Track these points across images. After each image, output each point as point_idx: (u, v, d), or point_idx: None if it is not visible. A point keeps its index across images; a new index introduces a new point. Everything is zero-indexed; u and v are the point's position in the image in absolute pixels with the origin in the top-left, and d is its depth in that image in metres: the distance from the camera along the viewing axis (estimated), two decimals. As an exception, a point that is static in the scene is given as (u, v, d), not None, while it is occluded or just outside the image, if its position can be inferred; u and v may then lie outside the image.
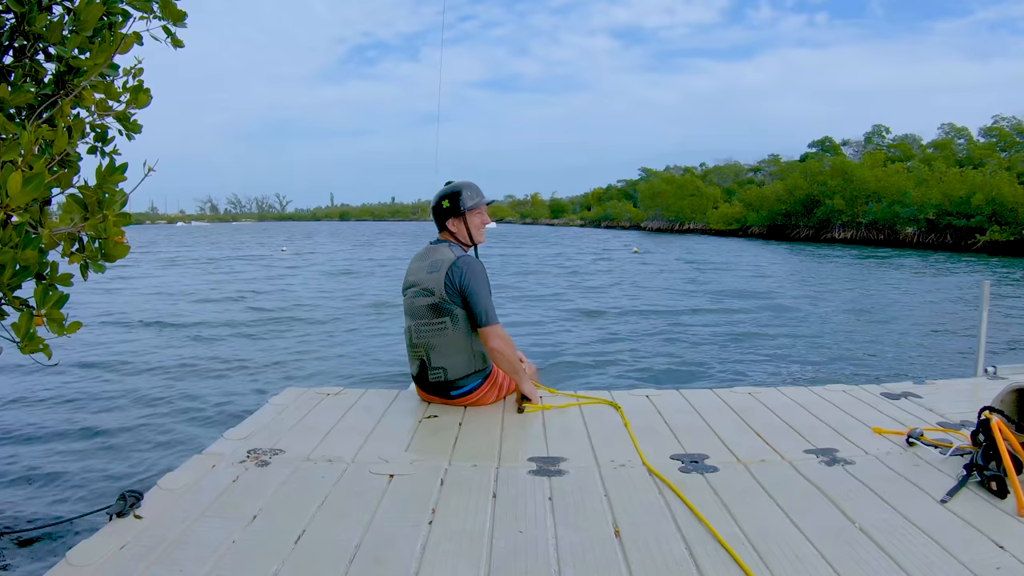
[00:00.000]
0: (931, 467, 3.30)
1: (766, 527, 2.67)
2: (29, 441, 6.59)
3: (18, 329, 2.80)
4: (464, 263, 4.11)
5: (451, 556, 2.45)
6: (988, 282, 5.70)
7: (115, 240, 3.30)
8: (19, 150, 2.73)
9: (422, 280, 4.16)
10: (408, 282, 4.29)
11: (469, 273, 4.07)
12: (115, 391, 8.68)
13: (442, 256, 4.16)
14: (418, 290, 4.17)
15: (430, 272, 4.13)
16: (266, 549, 2.48)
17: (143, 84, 3.87)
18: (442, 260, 4.13)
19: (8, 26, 3.52)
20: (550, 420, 4.04)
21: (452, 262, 4.10)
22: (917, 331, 14.71)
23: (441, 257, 4.15)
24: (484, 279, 4.13)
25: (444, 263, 4.11)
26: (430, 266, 4.15)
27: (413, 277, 4.25)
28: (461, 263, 4.10)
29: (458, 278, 4.06)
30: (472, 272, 4.08)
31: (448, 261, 4.11)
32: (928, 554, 2.44)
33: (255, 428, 3.88)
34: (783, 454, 3.49)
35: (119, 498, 2.79)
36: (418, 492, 3.01)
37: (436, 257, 4.17)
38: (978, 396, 4.46)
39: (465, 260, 4.13)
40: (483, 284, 4.11)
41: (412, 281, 4.24)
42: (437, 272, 4.10)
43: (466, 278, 4.06)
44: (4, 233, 2.70)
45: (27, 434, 6.79)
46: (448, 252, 4.17)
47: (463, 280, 4.06)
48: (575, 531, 2.64)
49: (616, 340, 13.07)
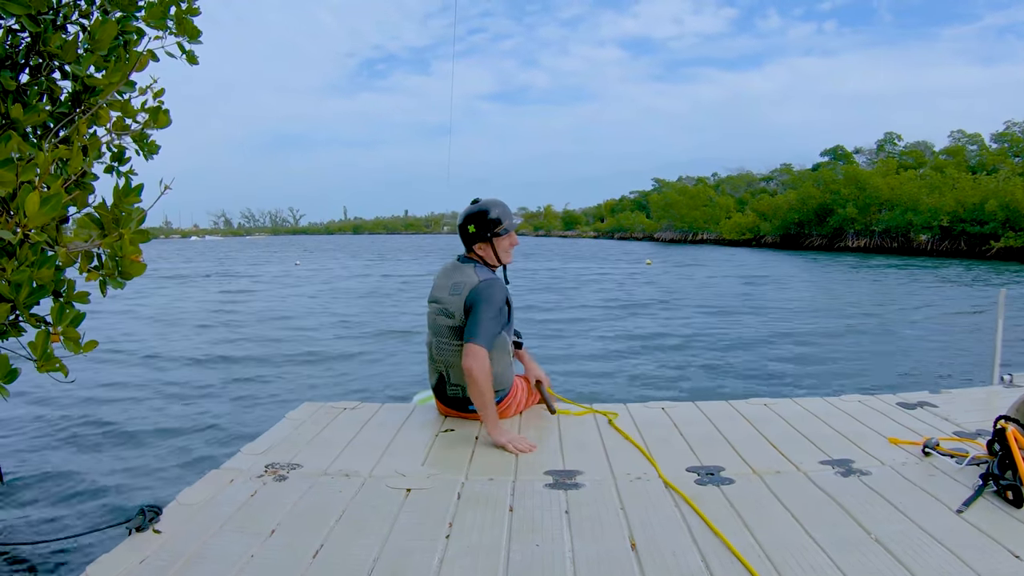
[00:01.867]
0: (947, 477, 3.29)
1: (781, 538, 2.66)
2: (48, 456, 6.63)
3: (35, 348, 2.83)
4: (483, 287, 4.01)
5: (468, 570, 2.45)
6: (1004, 290, 5.67)
7: (132, 258, 3.34)
8: (36, 170, 2.76)
9: (444, 300, 4.10)
10: (433, 296, 4.22)
11: (483, 295, 3.97)
12: (132, 406, 8.72)
13: (465, 279, 4.07)
14: (440, 308, 4.11)
15: (452, 294, 4.06)
16: (284, 564, 2.50)
17: (163, 105, 3.92)
18: (464, 284, 4.04)
19: (24, 45, 3.57)
20: (565, 433, 4.04)
21: (473, 287, 4.01)
22: (932, 339, 14.62)
23: (464, 280, 4.06)
24: (495, 302, 4.00)
25: (466, 287, 4.03)
26: (452, 287, 4.08)
27: (437, 293, 4.18)
28: (482, 287, 4.01)
29: (473, 301, 3.97)
30: (487, 295, 3.98)
31: (470, 286, 4.02)
32: (944, 564, 2.43)
33: (272, 443, 3.90)
34: (798, 465, 3.48)
35: (138, 513, 2.81)
36: (435, 506, 3.02)
37: (460, 279, 4.09)
38: (994, 405, 4.43)
39: (488, 284, 4.03)
40: (490, 306, 3.97)
41: (436, 297, 4.19)
42: (458, 296, 4.03)
43: (479, 298, 3.96)
44: (21, 252, 2.73)
45: (46, 449, 6.83)
46: (472, 275, 4.08)
47: (477, 302, 3.96)
48: (591, 544, 2.65)
49: (630, 353, 13.04)
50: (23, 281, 2.75)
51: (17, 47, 3.56)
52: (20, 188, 2.58)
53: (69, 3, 3.73)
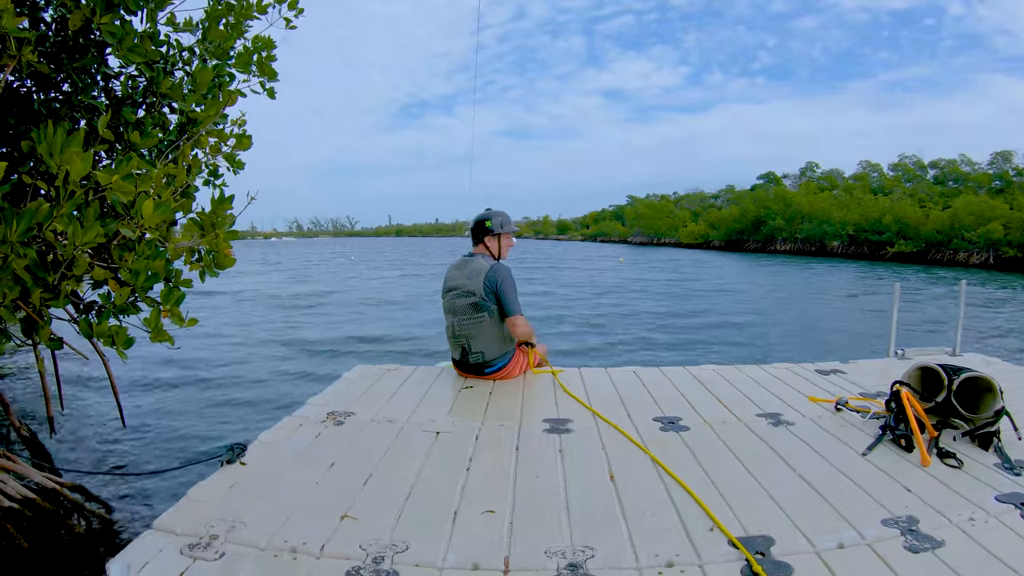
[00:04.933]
0: (854, 428, 3.27)
1: (727, 473, 2.66)
2: (159, 406, 6.65)
3: (149, 322, 2.83)
4: (497, 269, 4.11)
5: (484, 495, 2.45)
6: (898, 284, 5.65)
7: (225, 253, 3.34)
8: (151, 183, 2.76)
9: (462, 284, 4.13)
10: (448, 286, 4.24)
11: (502, 277, 4.07)
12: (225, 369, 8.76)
13: (478, 266, 4.13)
14: (459, 292, 4.13)
15: (470, 278, 4.11)
16: (342, 489, 2.50)
17: (246, 132, 3.93)
18: (479, 268, 4.11)
19: (141, 87, 3.57)
20: (559, 391, 4.02)
21: (488, 269, 4.09)
22: (843, 322, 14.58)
23: (478, 266, 4.13)
24: (512, 282, 4.13)
25: (482, 270, 4.10)
26: (469, 273, 4.13)
27: (453, 283, 4.21)
28: (495, 270, 4.10)
29: (493, 281, 4.06)
30: (504, 277, 4.08)
31: (484, 269, 4.10)
32: (852, 495, 2.43)
33: (332, 396, 3.89)
34: (739, 417, 3.47)
35: (228, 449, 2.82)
36: (458, 446, 3.01)
37: (474, 267, 4.15)
38: (890, 373, 4.40)
39: (498, 267, 4.13)
40: (511, 285, 4.11)
41: (452, 285, 4.20)
42: (476, 278, 4.08)
43: (500, 281, 4.06)
44: (139, 247, 2.73)
45: (158, 401, 6.86)
46: (483, 262, 4.16)
47: (498, 283, 4.06)
48: (579, 476, 2.64)
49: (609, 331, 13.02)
50: (140, 270, 2.74)
51: (136, 88, 3.56)
52: (138, 197, 2.58)
53: (175, 53, 3.73)
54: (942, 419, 3.11)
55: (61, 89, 3.38)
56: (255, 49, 3.94)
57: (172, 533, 2.13)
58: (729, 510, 2.30)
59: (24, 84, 3.29)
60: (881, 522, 2.20)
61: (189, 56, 3.80)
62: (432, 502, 2.39)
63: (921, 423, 3.01)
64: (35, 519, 3.43)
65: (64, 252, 2.40)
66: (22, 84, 3.29)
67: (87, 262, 2.61)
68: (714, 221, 76.63)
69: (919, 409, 3.07)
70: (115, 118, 3.36)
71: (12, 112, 3.19)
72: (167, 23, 3.65)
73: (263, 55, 3.97)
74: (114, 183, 2.37)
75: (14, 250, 2.27)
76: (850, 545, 2.06)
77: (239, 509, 2.30)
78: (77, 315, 3.30)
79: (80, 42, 3.24)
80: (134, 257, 2.71)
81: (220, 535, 2.10)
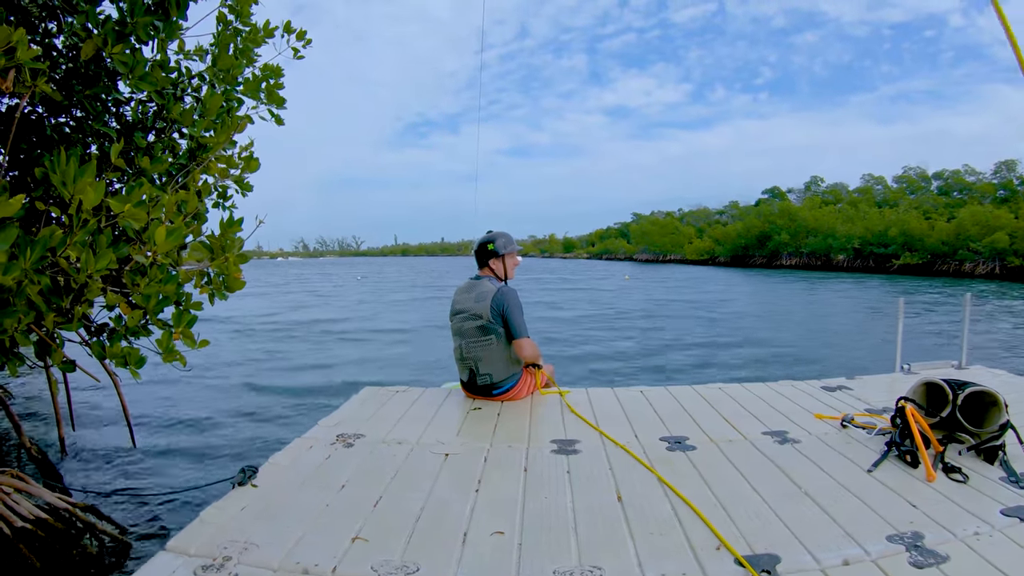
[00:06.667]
0: (860, 444, 3.28)
1: (733, 491, 2.67)
2: (171, 427, 6.68)
3: (161, 344, 2.88)
4: (504, 292, 4.11)
5: (493, 516, 2.47)
6: (902, 299, 5.66)
7: (234, 276, 3.39)
8: (163, 210, 2.81)
9: (470, 307, 4.14)
10: (455, 309, 4.26)
11: (508, 300, 4.08)
12: (235, 392, 8.78)
13: (485, 289, 4.14)
14: (467, 315, 4.14)
15: (477, 301, 4.11)
16: (352, 511, 2.52)
17: (253, 154, 4.00)
18: (486, 291, 4.12)
19: (151, 113, 3.64)
20: (567, 411, 4.03)
21: (495, 292, 4.09)
22: (848, 337, 14.54)
23: (485, 289, 4.13)
24: (519, 304, 4.13)
25: (488, 294, 4.10)
26: (476, 296, 4.13)
27: (460, 305, 4.22)
28: (502, 293, 4.10)
29: (500, 304, 4.06)
30: (510, 300, 4.09)
31: (491, 292, 4.10)
32: (858, 511, 2.44)
33: (342, 418, 3.91)
34: (745, 435, 3.47)
35: (240, 471, 2.84)
36: (467, 467, 3.02)
37: (481, 290, 4.15)
38: (897, 388, 4.41)
39: (504, 290, 4.13)
40: (518, 308, 4.11)
41: (460, 308, 4.22)
42: (483, 301, 4.09)
43: (506, 304, 4.07)
44: (151, 272, 2.78)
45: (169, 422, 6.89)
46: (490, 285, 4.16)
47: (505, 306, 4.06)
48: (587, 496, 2.65)
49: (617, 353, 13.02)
50: (152, 294, 2.79)
51: (147, 114, 3.63)
52: (150, 223, 2.63)
53: (185, 80, 3.81)
54: (947, 434, 3.12)
55: (73, 115, 3.45)
56: (263, 77, 4.02)
57: (185, 554, 2.15)
58: (735, 528, 2.31)
59: (36, 110, 3.37)
60: (886, 538, 2.20)
61: (199, 83, 3.87)
62: (442, 523, 2.40)
63: (926, 438, 3.02)
64: (48, 539, 3.45)
65: (77, 278, 2.44)
66: (34, 110, 3.36)
67: (100, 287, 2.65)
68: (719, 237, 76.79)
69: (924, 425, 3.08)
70: (126, 144, 3.43)
71: (25, 137, 3.26)
72: (177, 51, 3.74)
73: (271, 83, 4.05)
74: (127, 211, 2.42)
75: (28, 276, 2.31)
76: (855, 561, 2.07)
77: (251, 530, 2.33)
78: (89, 337, 3.34)
79: (92, 70, 3.32)
80: (146, 282, 2.76)
81: (233, 556, 2.13)
